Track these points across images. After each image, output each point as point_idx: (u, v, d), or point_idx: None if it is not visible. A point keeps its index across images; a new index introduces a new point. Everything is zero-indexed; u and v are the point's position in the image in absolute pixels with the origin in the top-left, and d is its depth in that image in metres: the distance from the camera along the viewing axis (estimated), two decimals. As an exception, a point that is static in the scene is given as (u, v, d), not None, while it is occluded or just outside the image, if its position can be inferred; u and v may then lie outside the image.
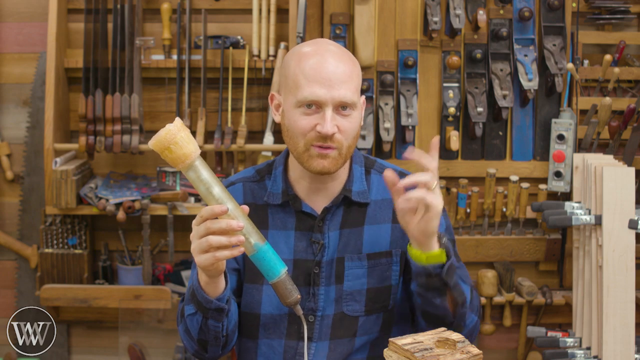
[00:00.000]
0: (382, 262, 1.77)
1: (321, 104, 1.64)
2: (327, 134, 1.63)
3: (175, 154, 1.46)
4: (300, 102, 1.65)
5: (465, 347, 1.46)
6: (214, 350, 1.72)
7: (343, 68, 1.65)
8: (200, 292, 1.62)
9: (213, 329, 1.67)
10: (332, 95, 1.63)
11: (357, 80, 1.69)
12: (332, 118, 1.64)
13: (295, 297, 1.55)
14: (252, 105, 3.15)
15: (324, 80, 1.63)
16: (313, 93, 1.63)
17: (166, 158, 1.47)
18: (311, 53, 1.67)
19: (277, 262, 1.55)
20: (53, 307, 3.07)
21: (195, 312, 1.66)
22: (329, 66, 1.64)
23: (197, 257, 1.53)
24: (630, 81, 3.16)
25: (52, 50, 2.99)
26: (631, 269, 2.74)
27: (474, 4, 3.08)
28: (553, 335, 2.94)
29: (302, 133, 1.66)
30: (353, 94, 1.66)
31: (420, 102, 3.12)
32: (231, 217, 1.50)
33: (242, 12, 3.16)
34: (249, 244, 1.53)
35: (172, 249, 3.10)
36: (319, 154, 1.66)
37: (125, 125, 3.00)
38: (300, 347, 1.75)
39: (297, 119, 1.67)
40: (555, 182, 3.10)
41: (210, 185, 1.50)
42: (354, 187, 1.78)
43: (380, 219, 1.78)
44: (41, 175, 3.16)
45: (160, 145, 1.45)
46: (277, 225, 1.77)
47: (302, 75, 1.65)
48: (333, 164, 1.68)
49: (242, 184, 1.82)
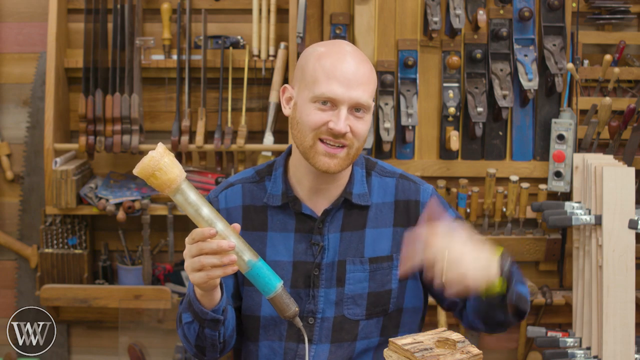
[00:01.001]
0: (384, 267, 1.76)
1: (337, 102, 1.64)
2: (339, 132, 1.64)
3: (161, 179, 1.46)
4: (316, 97, 1.65)
5: (465, 347, 1.46)
6: (211, 354, 1.73)
7: (363, 70, 1.66)
8: (196, 304, 1.62)
9: (210, 337, 1.67)
10: (349, 95, 1.64)
11: (374, 84, 1.70)
12: (346, 117, 1.65)
13: (293, 311, 1.55)
14: (252, 105, 3.15)
15: (343, 79, 1.64)
16: (331, 90, 1.64)
17: (152, 184, 1.47)
18: (332, 52, 1.68)
19: (272, 277, 1.54)
20: (53, 307, 3.07)
21: (192, 321, 1.66)
22: (349, 66, 1.65)
23: (190, 275, 1.54)
24: (630, 81, 3.16)
25: (52, 50, 2.99)
26: (631, 269, 2.74)
27: (474, 4, 3.08)
28: (553, 335, 2.93)
29: (313, 127, 1.66)
30: (369, 97, 1.67)
31: (420, 102, 3.12)
32: (222, 237, 1.51)
33: (242, 12, 3.16)
34: (242, 261, 1.53)
35: (172, 249, 3.10)
36: (327, 152, 1.66)
37: (125, 125, 3.00)
38: (300, 349, 1.75)
39: (310, 112, 1.67)
40: (555, 182, 3.10)
41: (198, 207, 1.50)
42: (355, 190, 1.77)
43: (382, 222, 1.78)
44: (41, 175, 3.16)
45: (144, 172, 1.45)
46: (276, 227, 1.77)
47: (321, 71, 1.65)
48: (339, 165, 1.68)
49: (242, 185, 1.81)
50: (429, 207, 1.76)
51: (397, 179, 1.82)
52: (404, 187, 1.81)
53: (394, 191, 1.80)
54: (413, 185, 1.81)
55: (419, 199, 1.80)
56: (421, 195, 1.81)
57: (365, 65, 1.68)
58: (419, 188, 1.81)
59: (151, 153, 1.45)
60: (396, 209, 1.79)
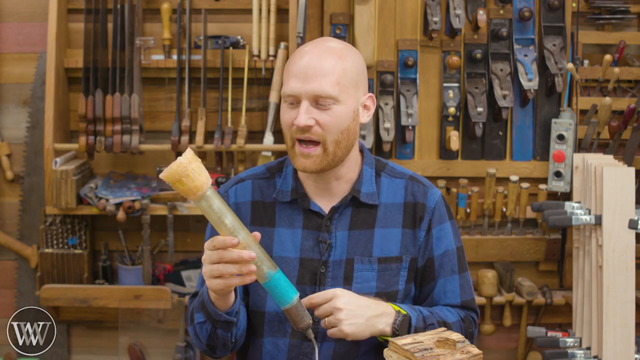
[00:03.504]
0: (392, 267, 1.77)
1: (297, 97, 1.67)
2: (299, 125, 1.65)
3: (187, 186, 1.45)
4: (282, 96, 1.70)
5: (465, 347, 1.46)
6: (222, 352, 1.75)
7: (323, 62, 1.66)
8: (210, 306, 1.64)
9: (222, 337, 1.69)
10: (305, 89, 1.65)
11: (341, 74, 1.67)
12: (308, 111, 1.66)
13: (307, 322, 1.57)
14: (252, 105, 3.15)
15: (299, 74, 1.66)
16: (290, 87, 1.67)
17: (178, 189, 1.47)
18: (303, 50, 1.71)
19: (289, 289, 1.56)
20: (53, 307, 3.07)
21: (204, 321, 1.68)
22: (307, 61, 1.67)
23: (208, 280, 1.55)
24: (630, 81, 3.16)
25: (52, 50, 2.99)
26: (631, 269, 2.74)
27: (474, 4, 3.08)
28: (553, 335, 2.93)
29: (286, 127, 1.71)
30: (331, 87, 1.66)
31: (420, 102, 3.12)
32: (243, 246, 1.51)
33: (242, 12, 3.15)
34: (261, 271, 1.54)
35: (172, 249, 3.10)
36: (301, 152, 1.68)
37: (125, 125, 3.00)
38: (304, 347, 1.75)
39: (283, 113, 1.71)
40: (555, 182, 3.10)
41: (222, 214, 1.50)
42: (363, 189, 1.78)
43: (391, 223, 1.78)
44: (41, 175, 3.16)
45: (171, 177, 1.45)
46: (284, 223, 1.78)
47: (286, 70, 1.70)
48: (316, 163, 1.69)
49: (252, 181, 1.83)
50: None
51: (406, 180, 1.83)
52: (413, 189, 1.82)
53: (404, 192, 1.81)
54: (422, 188, 1.82)
55: (426, 202, 1.81)
56: (428, 199, 1.81)
57: (330, 57, 1.67)
58: (427, 191, 1.82)
59: (179, 159, 1.45)
60: (405, 211, 1.80)
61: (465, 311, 1.83)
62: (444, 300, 1.81)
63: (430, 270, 1.80)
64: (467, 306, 1.83)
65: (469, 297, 1.83)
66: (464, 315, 1.81)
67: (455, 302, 1.82)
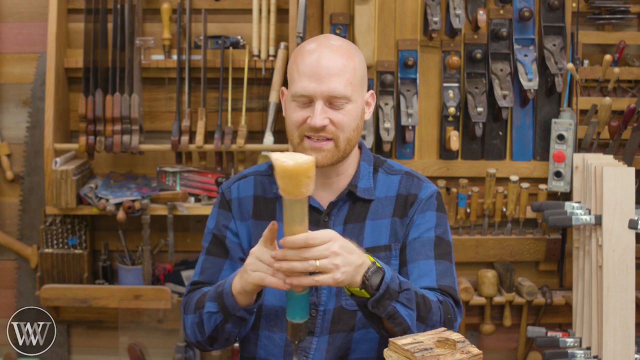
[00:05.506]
0: (381, 256, 1.77)
1: (311, 97, 1.68)
2: (315, 126, 1.67)
3: (302, 183, 1.45)
4: (293, 95, 1.70)
5: (465, 347, 1.46)
6: (220, 346, 1.75)
7: (335, 62, 1.67)
8: (230, 299, 1.63)
9: (229, 332, 1.69)
10: (321, 89, 1.67)
11: (352, 73, 1.70)
12: (323, 111, 1.67)
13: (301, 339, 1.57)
14: (252, 105, 3.15)
15: (313, 74, 1.67)
16: (303, 87, 1.68)
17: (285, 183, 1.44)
18: (309, 48, 1.71)
19: (306, 309, 1.56)
20: (53, 307, 3.07)
21: (216, 312, 1.67)
22: (320, 60, 1.67)
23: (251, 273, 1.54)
24: (630, 81, 3.16)
25: (52, 50, 2.99)
26: (631, 269, 2.74)
27: (474, 4, 3.08)
28: (553, 335, 2.94)
29: (295, 125, 1.71)
30: (345, 87, 1.68)
31: (420, 102, 3.12)
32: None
33: (242, 12, 3.16)
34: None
35: (172, 249, 3.10)
36: (312, 147, 1.70)
37: (125, 125, 3.00)
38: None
39: (291, 111, 1.72)
40: (555, 182, 3.10)
41: (303, 220, 1.50)
42: (360, 184, 1.79)
43: (382, 214, 1.79)
44: (41, 175, 3.16)
45: (297, 171, 1.43)
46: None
47: (296, 69, 1.70)
48: (327, 157, 1.70)
49: (254, 177, 1.85)
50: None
51: (402, 175, 1.84)
52: (407, 182, 1.82)
53: (397, 186, 1.82)
54: (416, 181, 1.83)
55: (418, 193, 1.81)
56: (421, 191, 1.81)
57: (340, 57, 1.68)
58: (421, 184, 1.83)
59: (310, 158, 1.44)
60: (397, 202, 1.81)
61: (443, 296, 1.75)
62: (419, 283, 1.75)
63: (403, 254, 1.78)
64: (446, 291, 1.76)
65: (449, 284, 1.76)
66: (442, 299, 1.73)
67: (432, 284, 1.75)
